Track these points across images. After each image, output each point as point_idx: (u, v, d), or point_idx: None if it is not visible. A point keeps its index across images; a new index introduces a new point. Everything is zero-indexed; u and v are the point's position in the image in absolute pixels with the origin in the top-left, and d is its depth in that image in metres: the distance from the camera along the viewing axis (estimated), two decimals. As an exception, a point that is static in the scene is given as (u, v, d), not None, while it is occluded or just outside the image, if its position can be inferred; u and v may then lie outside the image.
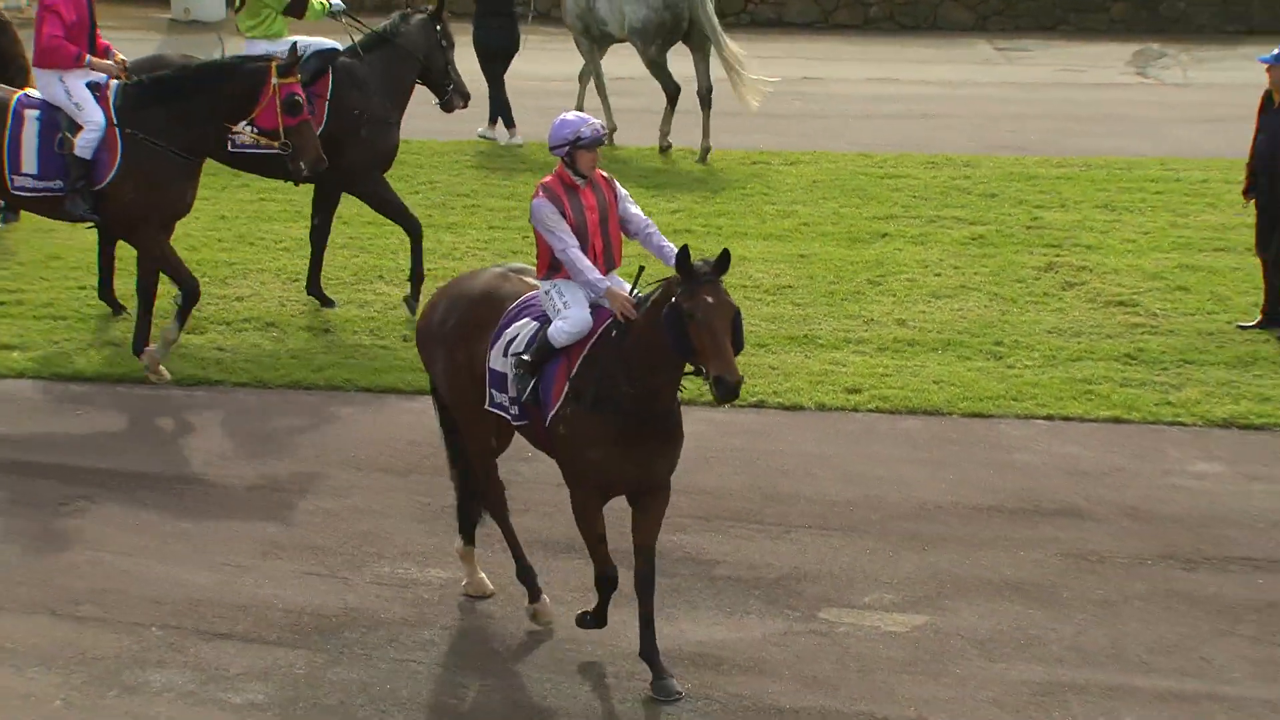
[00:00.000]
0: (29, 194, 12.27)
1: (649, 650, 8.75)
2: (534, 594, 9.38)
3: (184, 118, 12.11)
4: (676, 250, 8.33)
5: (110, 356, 13.03)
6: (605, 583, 8.94)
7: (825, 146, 17.78)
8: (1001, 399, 12.10)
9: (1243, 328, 12.73)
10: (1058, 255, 14.54)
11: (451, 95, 13.76)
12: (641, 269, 8.61)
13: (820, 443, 11.61)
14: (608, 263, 8.85)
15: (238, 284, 14.40)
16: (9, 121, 12.15)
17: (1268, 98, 12.35)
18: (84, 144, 12.06)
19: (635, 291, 8.60)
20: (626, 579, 8.96)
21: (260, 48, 13.14)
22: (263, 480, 11.24)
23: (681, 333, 8.20)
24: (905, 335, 13.09)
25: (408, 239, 13.55)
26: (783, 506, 10.80)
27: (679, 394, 8.60)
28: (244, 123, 12.11)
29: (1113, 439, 11.63)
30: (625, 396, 8.45)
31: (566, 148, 8.75)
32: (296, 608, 9.76)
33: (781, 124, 18.78)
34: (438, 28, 13.58)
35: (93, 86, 12.14)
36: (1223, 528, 10.43)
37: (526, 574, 9.43)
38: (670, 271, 8.47)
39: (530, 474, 10.78)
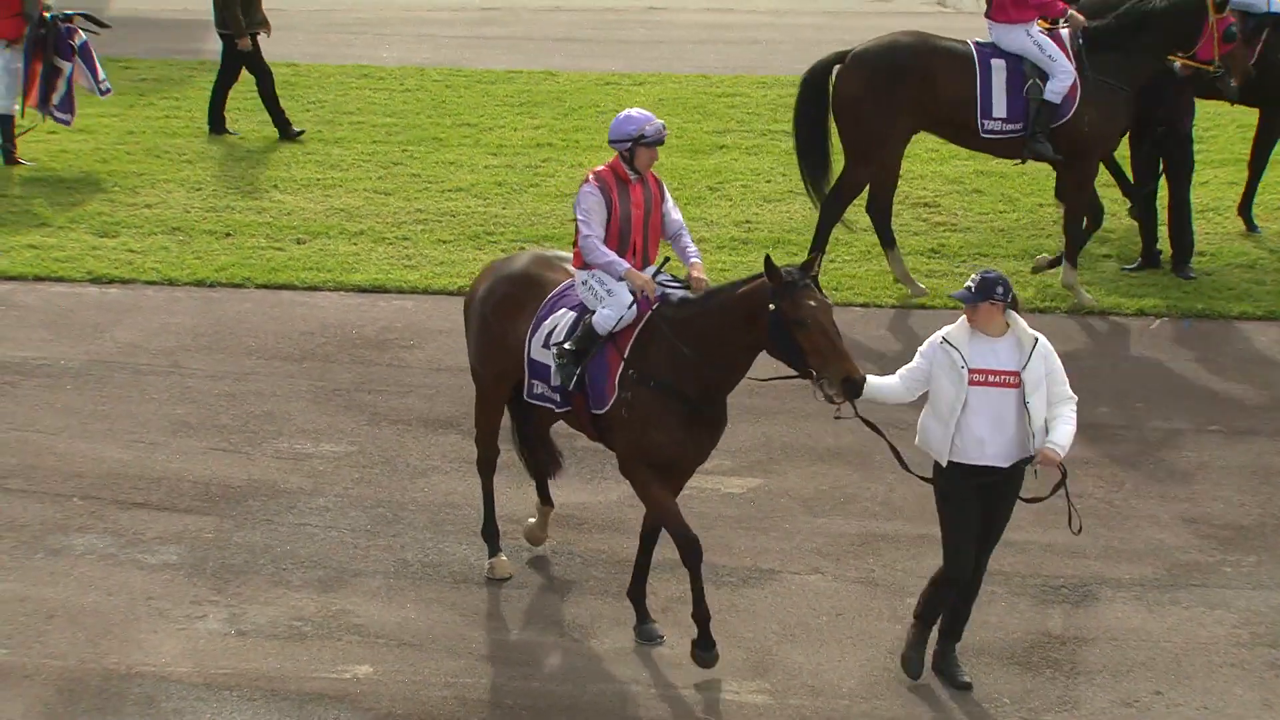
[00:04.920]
0: (995, 136, 11.72)
1: (638, 594, 8.12)
2: (493, 550, 8.64)
3: (1130, 55, 11.65)
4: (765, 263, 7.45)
5: (30, 258, 12.73)
6: (693, 550, 7.77)
7: (669, 69, 17.69)
8: (825, 290, 12.09)
9: (1125, 270, 12.40)
10: (871, 164, 14.60)
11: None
12: (666, 259, 8.06)
13: (666, 329, 11.60)
14: (643, 260, 8.06)
15: (146, 193, 14.10)
16: (978, 71, 11.65)
17: None
18: (1054, 90, 11.56)
19: (657, 275, 7.95)
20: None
21: None
22: (172, 368, 11.07)
23: (789, 340, 7.35)
24: (741, 235, 13.13)
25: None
26: (634, 385, 10.80)
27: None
28: (1184, 55, 11.70)
29: (919, 323, 11.75)
30: (691, 381, 7.69)
31: (629, 144, 7.94)
32: (204, 479, 9.66)
33: (630, 49, 18.66)
34: None
35: (1052, 35, 11.66)
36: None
37: (492, 532, 8.67)
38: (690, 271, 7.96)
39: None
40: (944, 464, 7.56)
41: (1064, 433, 7.45)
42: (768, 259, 7.47)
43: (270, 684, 7.86)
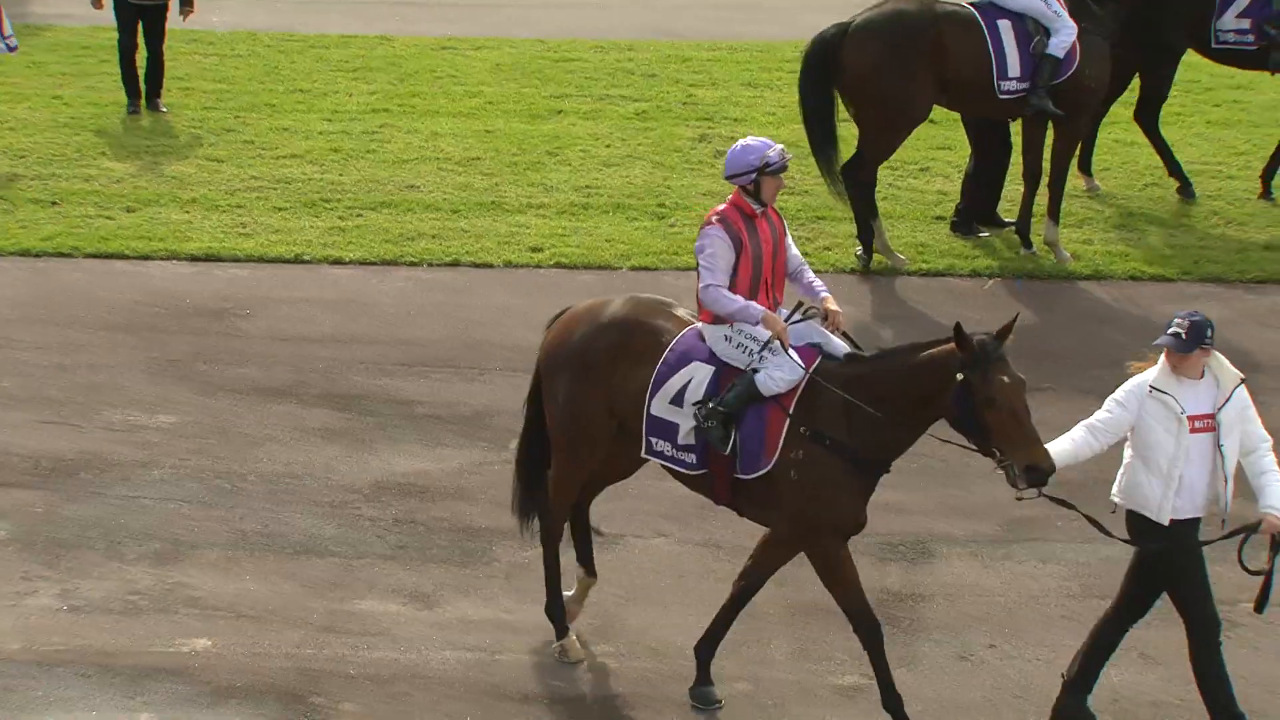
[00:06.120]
0: (1011, 96, 11.61)
1: (707, 652, 7.56)
2: (560, 631, 7.88)
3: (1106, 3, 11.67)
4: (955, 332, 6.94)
5: None
6: (875, 634, 7.30)
7: (506, 33, 17.61)
8: (664, 254, 12.25)
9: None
10: (710, 128, 14.69)
11: None
12: (800, 304, 7.52)
13: (509, 296, 11.61)
14: (772, 299, 7.51)
15: (-32, 161, 13.74)
16: (987, 33, 11.51)
17: None
18: (1059, 45, 11.50)
19: (790, 319, 7.45)
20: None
21: None
22: (-2, 340, 10.83)
23: (976, 417, 6.93)
24: (580, 200, 13.14)
25: None
26: (476, 352, 10.81)
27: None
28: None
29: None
30: (863, 443, 7.18)
31: (753, 174, 7.39)
32: (34, 453, 9.47)
33: (467, 12, 18.53)
34: None
35: None
36: (851, 360, 10.74)
37: (557, 611, 7.88)
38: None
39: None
40: (1165, 523, 7.10)
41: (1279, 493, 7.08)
42: (959, 327, 6.97)
43: (104, 659, 7.74)
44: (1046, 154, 12.17)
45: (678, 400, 7.40)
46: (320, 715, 7.48)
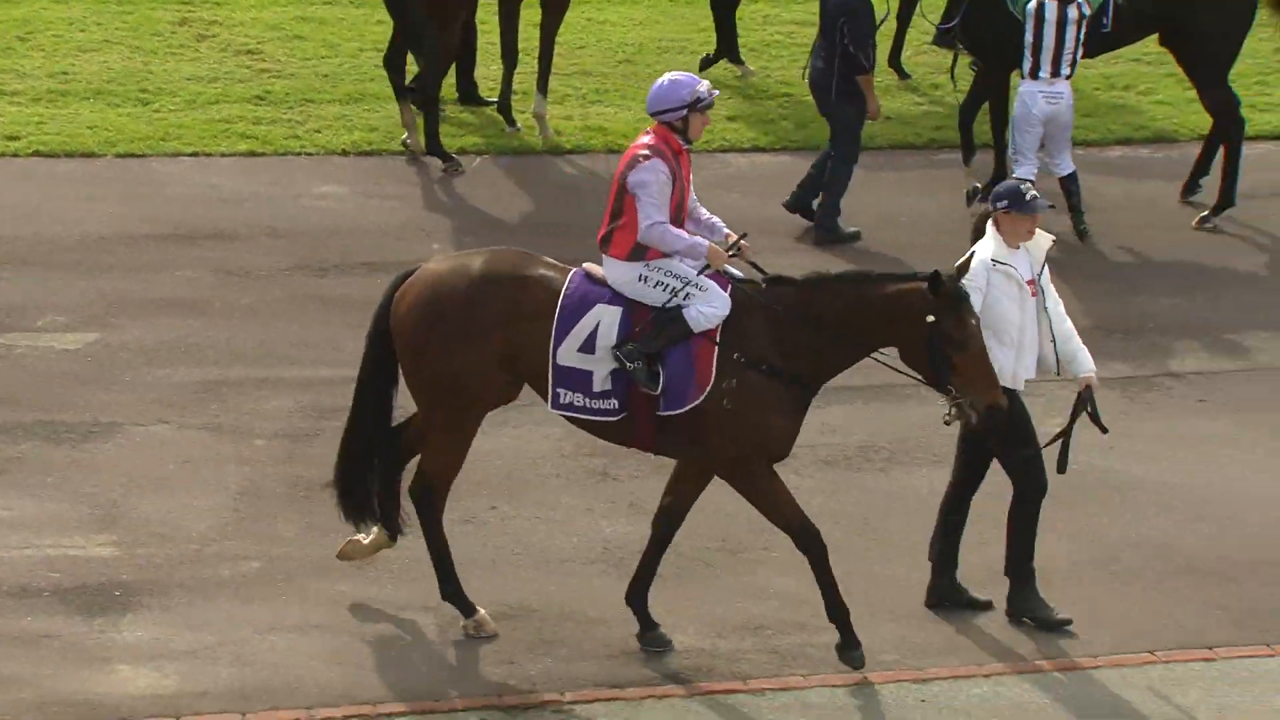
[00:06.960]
0: None
1: (640, 600, 7.36)
2: (467, 610, 7.43)
3: None
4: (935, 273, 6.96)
5: None
6: (817, 544, 7.18)
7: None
8: (151, 139, 12.04)
9: None
10: (190, 11, 14.39)
11: None
12: (745, 234, 7.31)
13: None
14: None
15: None
16: None
17: None
18: None
19: (730, 252, 7.27)
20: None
21: None
22: None
23: (943, 358, 6.97)
24: (57, 86, 12.73)
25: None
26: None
27: None
28: None
29: (250, 170, 11.83)
30: (803, 363, 7.12)
31: (684, 110, 7.15)
32: None
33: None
34: None
35: None
36: (345, 239, 10.90)
37: (456, 595, 7.44)
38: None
39: None
40: (1020, 389, 7.32)
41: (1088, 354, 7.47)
42: (938, 273, 6.97)
43: None
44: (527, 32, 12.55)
45: (587, 347, 7.14)
46: None
